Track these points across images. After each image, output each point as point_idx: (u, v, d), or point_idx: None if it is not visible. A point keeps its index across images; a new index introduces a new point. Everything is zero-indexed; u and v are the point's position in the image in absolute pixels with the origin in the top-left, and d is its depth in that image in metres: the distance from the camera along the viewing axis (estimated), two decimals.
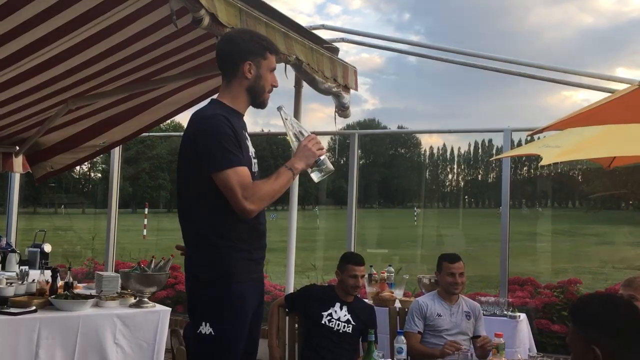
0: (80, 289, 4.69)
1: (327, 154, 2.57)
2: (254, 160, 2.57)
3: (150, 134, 6.70)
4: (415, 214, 39.70)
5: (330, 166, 2.56)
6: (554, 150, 3.89)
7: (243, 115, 2.61)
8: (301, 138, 2.56)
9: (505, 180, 5.90)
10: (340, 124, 6.80)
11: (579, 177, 36.25)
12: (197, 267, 2.47)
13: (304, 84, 4.97)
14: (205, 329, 2.39)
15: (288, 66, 4.25)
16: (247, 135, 2.59)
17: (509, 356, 3.30)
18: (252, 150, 2.58)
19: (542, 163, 3.83)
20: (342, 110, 5.20)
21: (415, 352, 3.67)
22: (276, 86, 2.63)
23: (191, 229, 2.49)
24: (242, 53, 2.53)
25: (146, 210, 28.87)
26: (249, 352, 2.61)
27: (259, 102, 2.60)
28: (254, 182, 2.40)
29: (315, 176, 2.57)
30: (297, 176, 5.38)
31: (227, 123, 2.40)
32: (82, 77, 4.36)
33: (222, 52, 2.59)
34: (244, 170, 2.38)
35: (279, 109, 2.58)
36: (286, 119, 2.59)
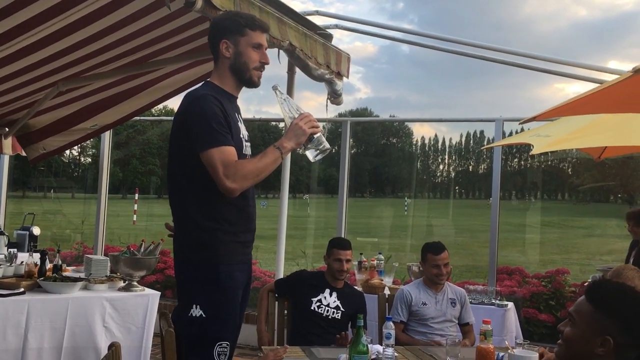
0: (69, 272, 4.67)
1: (322, 131, 2.53)
2: (246, 143, 2.55)
3: (141, 117, 6.67)
4: (406, 203, 39.83)
5: (327, 144, 2.49)
6: (545, 140, 3.92)
7: (235, 97, 2.59)
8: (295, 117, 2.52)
9: (496, 170, 5.94)
10: (332, 112, 6.80)
11: (569, 170, 36.48)
12: (186, 249, 2.47)
13: (297, 70, 4.95)
14: (196, 311, 2.39)
15: (281, 52, 4.22)
16: (239, 117, 2.57)
17: (497, 344, 3.32)
18: (244, 133, 2.56)
19: (533, 152, 3.86)
20: (334, 97, 5.18)
21: (399, 342, 3.69)
22: (266, 63, 2.56)
23: (180, 210, 2.49)
24: (218, 33, 2.52)
25: (136, 195, 28.85)
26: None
27: (246, 80, 2.54)
28: (238, 160, 2.37)
29: (310, 154, 2.51)
30: (288, 155, 5.33)
31: (216, 104, 2.39)
32: (73, 59, 4.32)
33: (208, 34, 2.60)
34: (229, 149, 2.36)
35: (274, 88, 2.55)
36: (281, 99, 2.54)
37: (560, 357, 1.81)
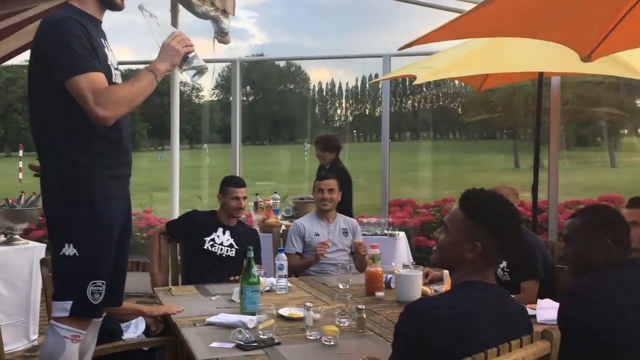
0: None
1: (196, 53, 2.41)
2: (116, 72, 2.41)
3: (14, 64, 6.22)
4: (306, 149, 40.02)
5: (203, 63, 2.41)
6: (427, 71, 4.04)
7: (100, 21, 2.43)
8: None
9: (385, 109, 6.09)
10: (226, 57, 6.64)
11: (459, 109, 38.06)
12: (56, 186, 2.33)
13: (182, 10, 4.77)
14: (69, 250, 2.28)
15: None
16: (106, 44, 2.42)
17: (386, 269, 3.45)
18: (112, 60, 2.41)
19: (417, 82, 3.98)
20: (221, 36, 5.06)
21: (295, 269, 3.78)
22: None
23: (48, 147, 2.33)
24: None
25: (20, 152, 27.07)
26: (116, 279, 2.50)
27: (108, 1, 2.38)
28: (108, 87, 2.24)
29: (188, 76, 2.43)
30: (177, 103, 5.17)
31: (78, 26, 2.22)
32: None
33: None
34: (97, 75, 2.22)
35: (140, 8, 2.39)
36: (149, 19, 2.39)
37: (434, 262, 1.92)
